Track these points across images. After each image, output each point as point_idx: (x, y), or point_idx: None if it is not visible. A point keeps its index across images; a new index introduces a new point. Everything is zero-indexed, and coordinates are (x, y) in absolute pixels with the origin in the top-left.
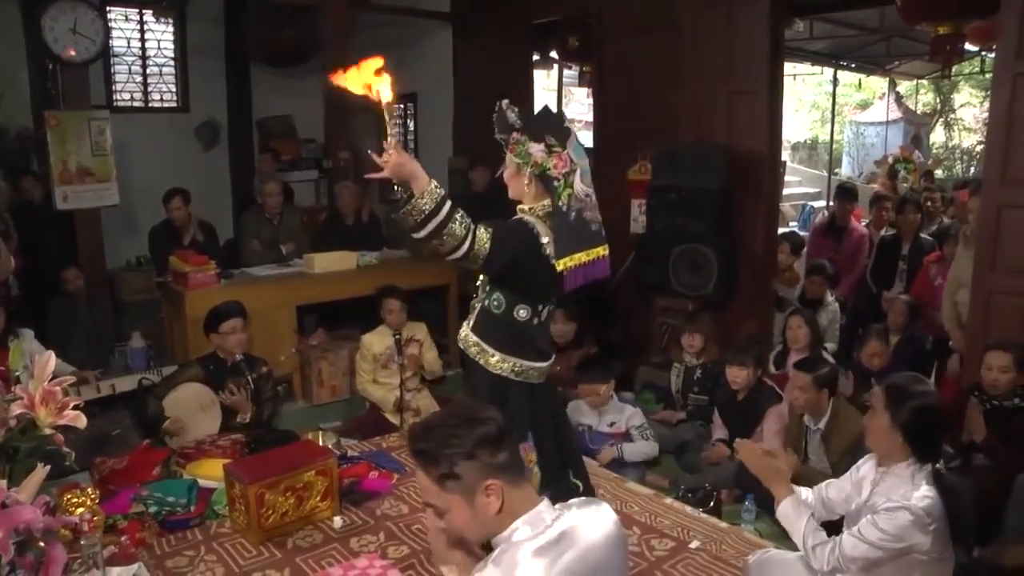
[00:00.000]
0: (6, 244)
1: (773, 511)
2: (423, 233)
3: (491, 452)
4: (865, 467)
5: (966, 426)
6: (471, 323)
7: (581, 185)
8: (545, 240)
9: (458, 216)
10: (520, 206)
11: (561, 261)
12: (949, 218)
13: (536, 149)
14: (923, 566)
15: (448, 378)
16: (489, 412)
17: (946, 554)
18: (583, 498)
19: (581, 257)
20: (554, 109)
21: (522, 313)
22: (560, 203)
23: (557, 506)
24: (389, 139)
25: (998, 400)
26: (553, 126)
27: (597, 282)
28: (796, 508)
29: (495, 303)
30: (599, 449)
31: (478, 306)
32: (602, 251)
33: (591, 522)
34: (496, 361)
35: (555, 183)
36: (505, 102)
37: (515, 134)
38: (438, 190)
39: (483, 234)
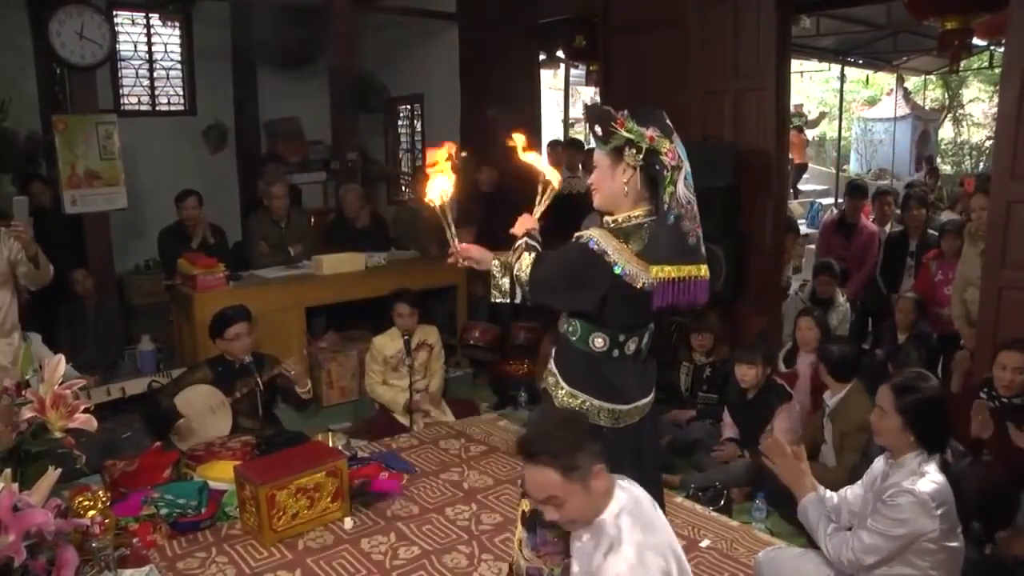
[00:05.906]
0: None
1: (783, 509)
2: (518, 295)
3: (592, 442)
4: (877, 464)
5: (973, 423)
6: (555, 351)
7: (684, 189)
8: (616, 259)
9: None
10: (607, 218)
11: (654, 268)
12: (958, 213)
13: (649, 130)
14: (931, 555)
15: (456, 379)
16: (576, 413)
17: (954, 542)
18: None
19: (671, 272)
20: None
21: (598, 343)
22: (664, 202)
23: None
24: (451, 238)
25: (1007, 398)
26: (658, 121)
27: (691, 307)
28: (814, 504)
29: (570, 329)
30: None
31: (561, 331)
32: (697, 270)
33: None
34: (563, 395)
35: (664, 174)
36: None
37: (622, 114)
38: (495, 264)
39: (526, 258)
